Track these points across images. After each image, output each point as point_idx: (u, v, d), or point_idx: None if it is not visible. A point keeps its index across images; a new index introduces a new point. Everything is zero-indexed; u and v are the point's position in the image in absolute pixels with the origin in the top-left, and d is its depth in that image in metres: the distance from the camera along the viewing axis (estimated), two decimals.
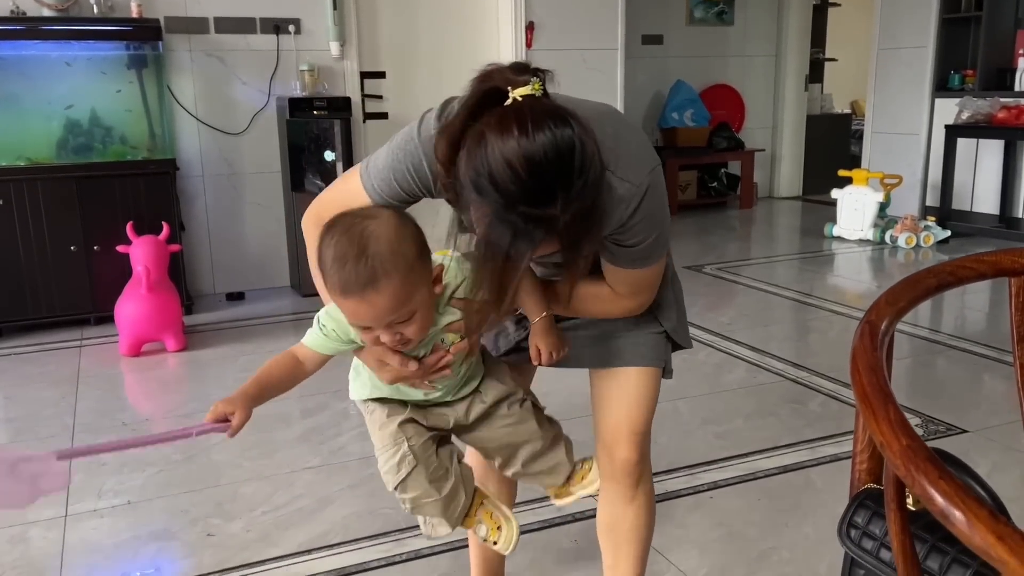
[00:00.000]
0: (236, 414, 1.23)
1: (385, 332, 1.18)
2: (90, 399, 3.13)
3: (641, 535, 1.56)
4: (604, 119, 1.19)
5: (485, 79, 1.08)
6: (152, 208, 4.01)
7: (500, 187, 1.01)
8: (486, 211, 1.04)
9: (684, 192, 7.18)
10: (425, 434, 1.35)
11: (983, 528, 0.69)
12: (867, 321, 0.97)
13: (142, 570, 2.03)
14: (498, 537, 1.42)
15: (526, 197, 1.01)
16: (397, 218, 1.18)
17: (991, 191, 5.90)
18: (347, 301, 1.16)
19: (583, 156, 1.02)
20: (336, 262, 1.13)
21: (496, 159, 1.00)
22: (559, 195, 1.02)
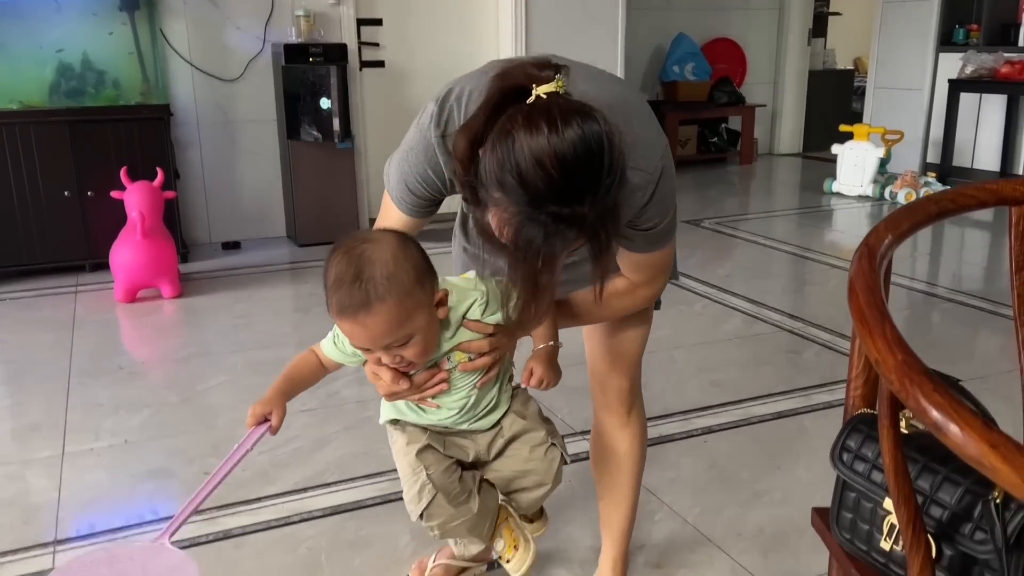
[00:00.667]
0: (274, 413, 1.29)
1: (384, 354, 1.20)
2: (86, 344, 3.13)
3: (633, 463, 1.57)
4: (615, 107, 1.15)
5: (506, 76, 1.05)
6: (146, 154, 3.97)
7: (529, 185, 0.98)
8: (513, 211, 1.01)
9: (684, 147, 7.12)
10: (444, 461, 1.36)
11: (976, 437, 0.69)
12: (866, 244, 0.96)
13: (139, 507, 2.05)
14: (512, 556, 1.44)
15: (556, 196, 0.99)
16: (397, 242, 1.18)
17: (992, 147, 5.86)
18: (343, 323, 1.18)
19: (611, 153, 1.00)
20: (334, 283, 1.14)
21: (526, 158, 0.97)
22: (588, 194, 1.00)
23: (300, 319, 3.46)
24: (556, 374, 1.37)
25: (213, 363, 2.95)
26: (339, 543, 1.88)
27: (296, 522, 1.97)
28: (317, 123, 4.37)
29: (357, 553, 1.84)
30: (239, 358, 2.98)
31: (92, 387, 2.73)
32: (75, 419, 2.50)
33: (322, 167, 4.49)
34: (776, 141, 7.73)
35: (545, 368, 1.35)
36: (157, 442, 2.37)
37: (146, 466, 2.23)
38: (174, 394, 2.69)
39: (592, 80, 1.18)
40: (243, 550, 1.87)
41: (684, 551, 1.85)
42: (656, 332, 3.39)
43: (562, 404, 2.46)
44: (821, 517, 1.12)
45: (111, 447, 2.34)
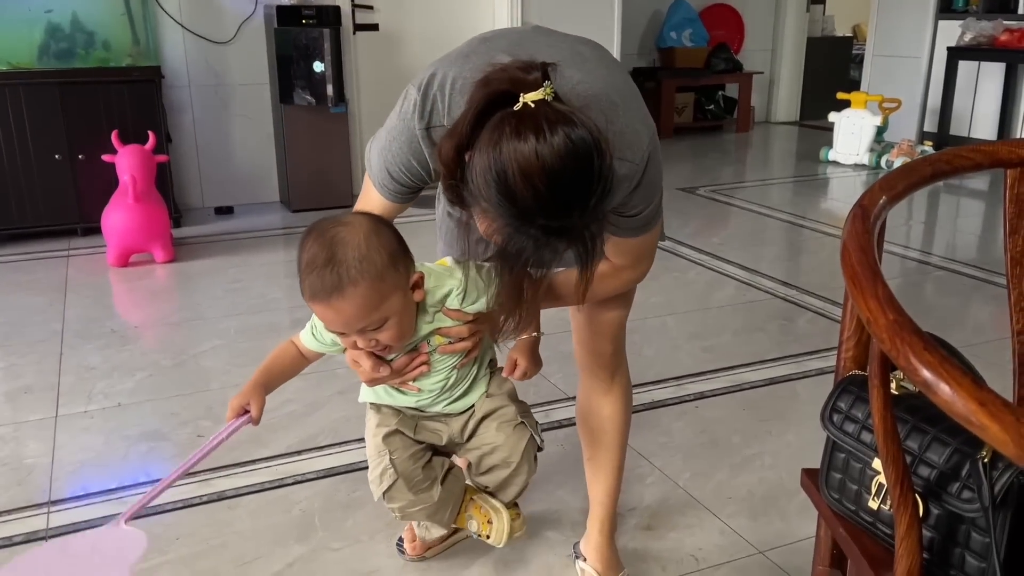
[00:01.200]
0: (252, 404, 1.31)
1: (359, 338, 1.20)
2: (78, 307, 3.12)
3: (618, 427, 1.58)
4: (602, 96, 1.14)
5: (489, 83, 1.02)
6: (137, 117, 3.93)
7: (518, 201, 0.97)
8: (502, 224, 1.00)
9: (680, 115, 7.08)
10: (411, 447, 1.38)
11: (965, 395, 0.69)
12: (860, 205, 0.96)
13: (132, 468, 2.05)
14: (490, 531, 1.44)
15: (544, 210, 0.97)
16: (370, 225, 1.17)
17: (990, 116, 5.84)
18: (316, 307, 1.17)
19: (600, 163, 0.98)
20: (307, 267, 1.14)
21: (513, 171, 0.95)
22: (577, 206, 0.99)
23: (293, 284, 3.42)
24: (538, 364, 1.38)
25: (206, 327, 2.95)
26: (332, 505, 1.89)
27: (289, 484, 1.98)
28: (310, 87, 4.32)
29: (350, 514, 1.86)
30: (232, 322, 2.98)
31: (85, 350, 2.73)
32: (68, 382, 2.50)
33: (315, 132, 4.45)
34: (773, 109, 7.69)
35: (528, 360, 1.36)
36: (150, 405, 2.37)
37: (139, 429, 2.24)
38: (167, 358, 2.69)
39: (580, 67, 1.16)
40: (236, 511, 1.88)
41: (675, 514, 1.86)
42: (649, 299, 3.39)
43: (554, 370, 2.46)
44: (810, 478, 1.13)
45: (104, 410, 2.34)
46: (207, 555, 1.72)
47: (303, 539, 1.77)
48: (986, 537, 0.87)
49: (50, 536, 1.78)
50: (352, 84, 4.67)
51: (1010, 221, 1.09)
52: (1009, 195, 1.09)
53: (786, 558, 1.70)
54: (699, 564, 1.69)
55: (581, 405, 1.62)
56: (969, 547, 0.90)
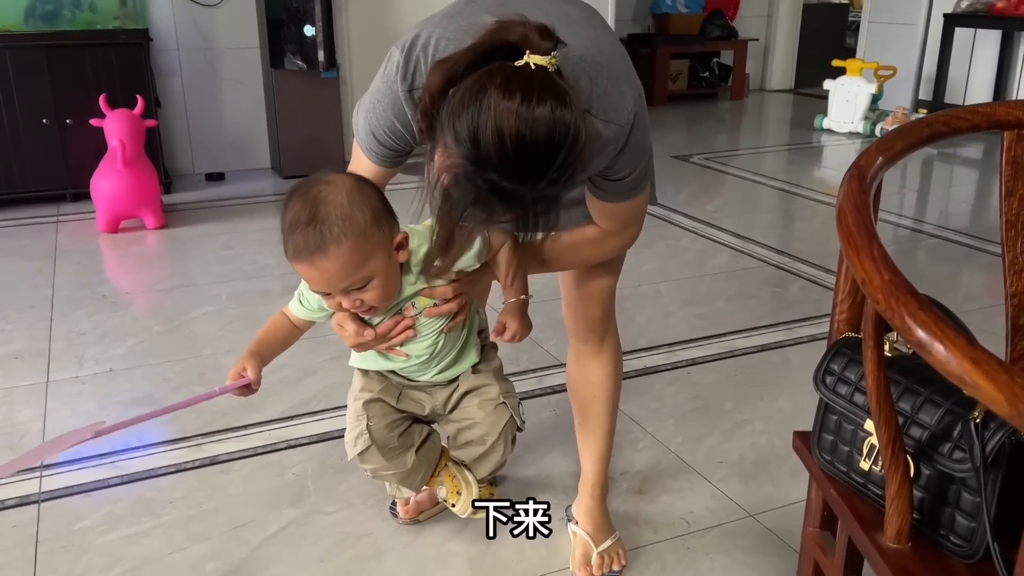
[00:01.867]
0: (248, 369, 1.32)
1: (344, 298, 1.20)
2: (68, 273, 3.10)
3: (608, 390, 1.58)
4: (587, 58, 1.12)
5: (505, 29, 1.00)
6: (126, 81, 3.88)
7: (480, 148, 0.95)
8: (456, 163, 0.98)
9: (675, 82, 7.03)
10: (390, 415, 1.41)
11: (960, 354, 0.69)
12: (856, 166, 0.95)
13: (125, 433, 2.05)
14: (457, 501, 1.49)
15: (502, 169, 0.96)
16: (353, 183, 1.16)
17: (985, 84, 5.81)
18: (300, 266, 1.17)
19: (572, 149, 0.97)
20: (290, 226, 1.14)
21: (489, 120, 0.94)
22: (533, 178, 0.98)
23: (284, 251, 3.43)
24: (527, 327, 1.39)
25: (198, 293, 2.94)
26: (325, 469, 1.90)
27: (282, 449, 1.98)
28: (301, 51, 4.27)
29: (343, 479, 1.86)
30: (224, 289, 2.96)
31: (75, 316, 2.72)
32: (59, 348, 2.49)
33: (307, 97, 4.40)
34: (768, 76, 7.64)
35: (518, 320, 1.37)
36: (142, 370, 2.37)
37: (131, 394, 2.23)
38: (158, 323, 2.68)
39: (567, 27, 1.14)
40: (229, 475, 1.88)
41: (666, 478, 1.87)
42: (643, 266, 3.39)
43: (547, 336, 2.46)
44: (802, 440, 1.14)
45: (96, 375, 2.33)
46: (200, 519, 1.72)
47: (296, 503, 1.78)
48: (976, 497, 0.87)
49: (43, 500, 1.78)
50: (344, 48, 4.62)
51: (1006, 183, 1.09)
52: (1005, 157, 1.08)
53: (777, 521, 1.72)
54: (690, 527, 1.71)
55: (571, 370, 1.62)
56: (959, 507, 0.90)
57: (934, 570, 0.90)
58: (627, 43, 7.04)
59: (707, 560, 1.61)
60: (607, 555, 1.57)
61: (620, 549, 1.59)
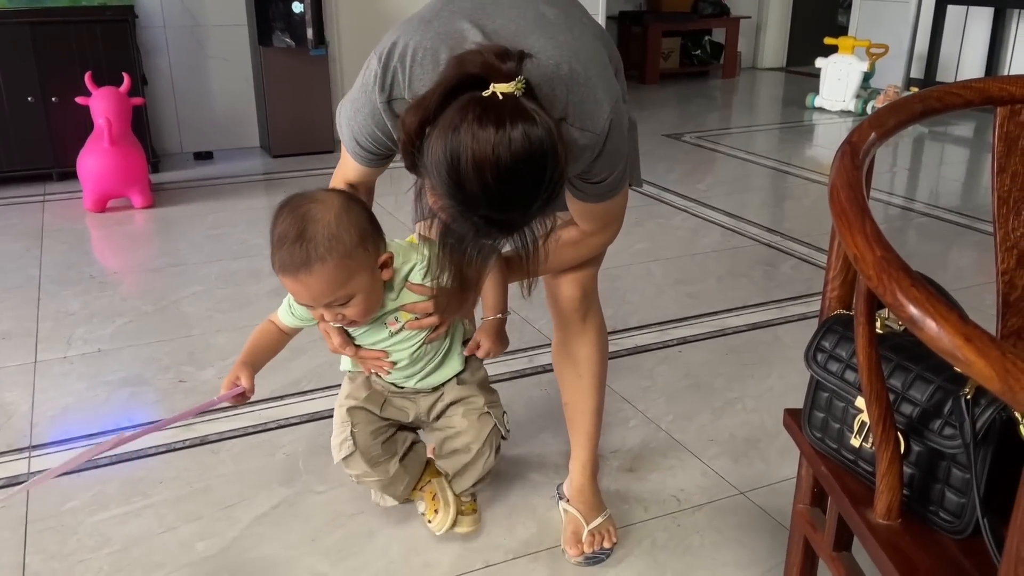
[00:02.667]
0: (243, 378, 1.37)
1: (326, 311, 1.25)
2: (55, 253, 3.08)
3: (593, 369, 1.59)
4: (563, 65, 1.12)
5: (464, 63, 1.00)
6: (111, 59, 3.83)
7: (465, 187, 0.96)
8: (447, 204, 1.00)
9: (667, 60, 6.99)
10: (374, 423, 1.45)
11: (951, 331, 0.68)
12: (849, 142, 0.95)
13: (114, 413, 2.04)
14: (433, 519, 1.52)
15: (489, 203, 0.98)
16: (342, 203, 1.20)
17: (977, 62, 5.80)
18: (285, 280, 1.21)
19: (554, 168, 0.98)
20: (278, 241, 1.18)
21: (467, 159, 0.94)
22: (522, 205, 0.99)
23: None
24: (502, 344, 1.43)
25: (186, 273, 2.92)
26: (316, 448, 1.89)
27: (273, 428, 1.98)
28: (289, 29, 4.22)
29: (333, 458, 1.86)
30: (213, 268, 2.94)
31: (63, 296, 2.70)
32: (47, 328, 2.47)
33: (295, 75, 4.36)
34: (760, 54, 7.61)
35: (492, 341, 1.41)
36: (131, 351, 2.35)
37: (120, 374, 2.22)
38: (147, 303, 2.66)
39: (543, 32, 1.13)
40: (220, 455, 1.87)
41: (657, 456, 1.88)
42: (634, 245, 3.39)
43: (538, 315, 2.46)
44: (793, 418, 1.13)
45: (84, 355, 2.32)
46: (191, 498, 1.72)
47: (287, 482, 1.77)
48: (966, 473, 0.88)
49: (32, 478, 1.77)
50: (332, 26, 4.57)
51: (999, 160, 1.08)
52: (998, 133, 1.07)
53: (767, 498, 1.73)
54: (681, 504, 1.71)
55: (556, 349, 1.63)
56: (949, 483, 0.90)
57: (924, 546, 0.91)
58: (619, 21, 6.99)
59: (698, 537, 1.62)
60: (598, 532, 1.58)
61: (611, 526, 1.60)
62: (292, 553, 1.57)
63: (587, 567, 1.54)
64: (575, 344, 1.57)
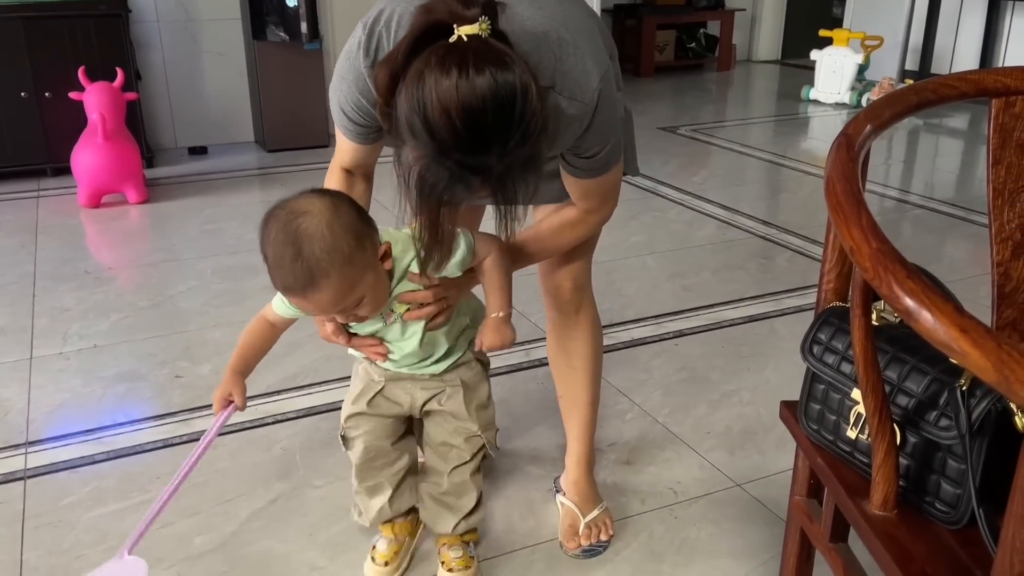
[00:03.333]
0: (234, 393, 1.34)
1: (339, 315, 1.24)
2: (50, 248, 3.07)
3: (587, 362, 1.59)
4: (551, 33, 1.11)
5: (430, 11, 1.00)
6: (105, 54, 3.82)
7: (435, 134, 0.96)
8: (420, 154, 1.00)
9: (662, 53, 6.99)
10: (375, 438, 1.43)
11: (947, 322, 0.69)
12: (844, 134, 0.95)
13: (111, 409, 2.04)
14: (380, 564, 1.48)
15: (460, 146, 0.97)
16: (331, 210, 1.15)
17: (971, 54, 5.81)
18: (292, 299, 1.21)
19: (524, 107, 0.96)
20: (275, 263, 1.15)
21: (433, 104, 0.94)
22: (495, 146, 0.97)
23: None
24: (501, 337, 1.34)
25: (182, 268, 2.91)
26: (313, 443, 1.89)
27: (270, 423, 1.98)
28: (283, 22, 4.21)
29: (331, 452, 1.86)
30: (208, 263, 2.94)
31: (58, 292, 2.69)
32: (42, 324, 2.47)
33: (290, 69, 4.35)
34: (755, 47, 7.60)
35: (497, 335, 1.34)
36: (127, 346, 2.35)
37: (116, 370, 2.22)
38: (143, 299, 2.66)
39: (531, 2, 1.13)
40: (217, 450, 1.87)
41: (653, 448, 1.88)
42: (630, 238, 3.39)
43: (534, 309, 2.46)
44: (789, 410, 1.14)
45: (80, 351, 2.31)
46: (189, 493, 1.72)
47: (284, 477, 1.78)
48: (962, 464, 0.88)
49: (29, 477, 1.77)
50: (327, 19, 4.55)
51: (994, 151, 1.08)
52: (994, 125, 1.08)
53: (763, 490, 1.73)
54: (678, 497, 1.72)
55: (550, 343, 1.62)
56: (945, 474, 0.91)
57: (920, 536, 0.91)
58: (613, 14, 6.98)
59: (694, 529, 1.62)
60: (594, 525, 1.58)
61: (607, 519, 1.60)
62: (290, 547, 1.57)
63: (585, 560, 1.55)
64: (569, 337, 1.57)
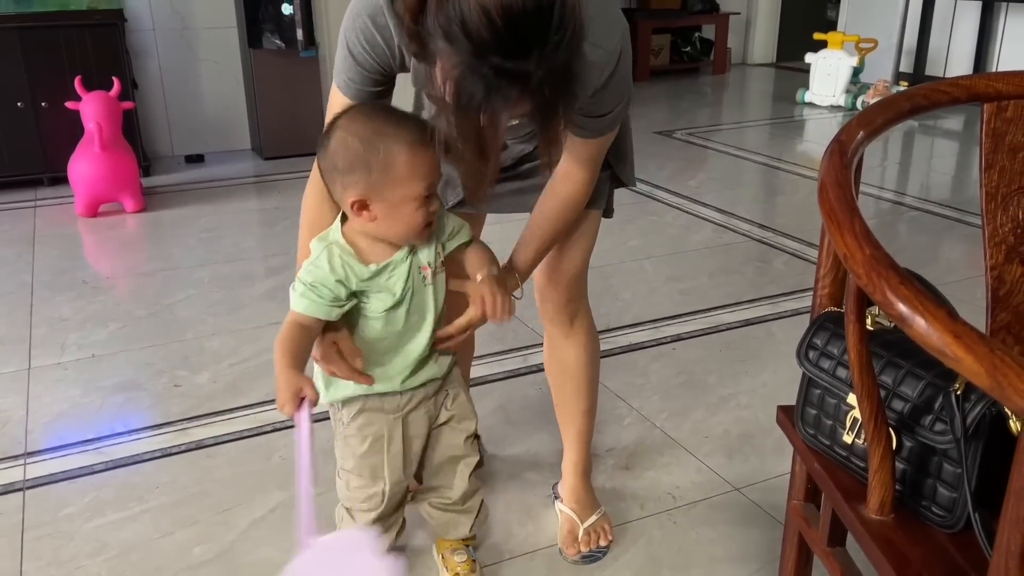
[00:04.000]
0: (303, 387, 1.15)
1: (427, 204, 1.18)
2: (48, 258, 3.07)
3: (582, 371, 1.58)
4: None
5: None
6: (101, 63, 3.82)
7: (473, 35, 0.94)
8: (456, 61, 0.97)
9: (657, 57, 7.00)
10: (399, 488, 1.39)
11: (940, 328, 0.69)
12: (837, 140, 0.95)
13: (109, 419, 2.04)
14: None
15: (500, 48, 0.94)
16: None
17: (965, 57, 5.82)
18: (412, 156, 1.14)
19: (563, 9, 0.95)
20: (389, 123, 1.15)
21: (471, 4, 0.93)
22: (535, 49, 0.95)
23: (266, 233, 3.40)
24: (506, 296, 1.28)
25: (179, 277, 2.91)
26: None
27: (268, 432, 1.98)
28: (279, 30, 4.21)
29: (330, 461, 1.85)
30: (206, 272, 2.94)
31: (56, 302, 2.69)
32: (40, 333, 2.47)
33: (286, 77, 4.35)
34: (750, 50, 7.62)
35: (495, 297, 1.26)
36: (125, 355, 2.35)
37: (115, 379, 2.22)
38: (141, 308, 2.66)
39: None
40: (216, 459, 1.87)
41: (652, 453, 1.88)
42: (627, 242, 3.39)
43: (532, 315, 2.44)
44: (786, 414, 1.14)
45: (78, 361, 2.31)
46: (187, 503, 1.72)
47: (283, 486, 1.78)
48: (958, 468, 0.88)
49: (27, 488, 1.77)
50: (323, 27, 4.56)
51: (986, 156, 1.09)
52: (986, 129, 1.08)
53: (762, 495, 1.74)
54: (676, 502, 1.72)
55: (546, 352, 1.62)
56: (941, 478, 0.91)
57: (916, 540, 0.91)
58: None
59: (693, 534, 1.63)
60: (593, 531, 1.58)
61: (606, 524, 1.60)
62: (290, 557, 1.57)
63: (584, 566, 1.55)
64: (563, 347, 1.57)
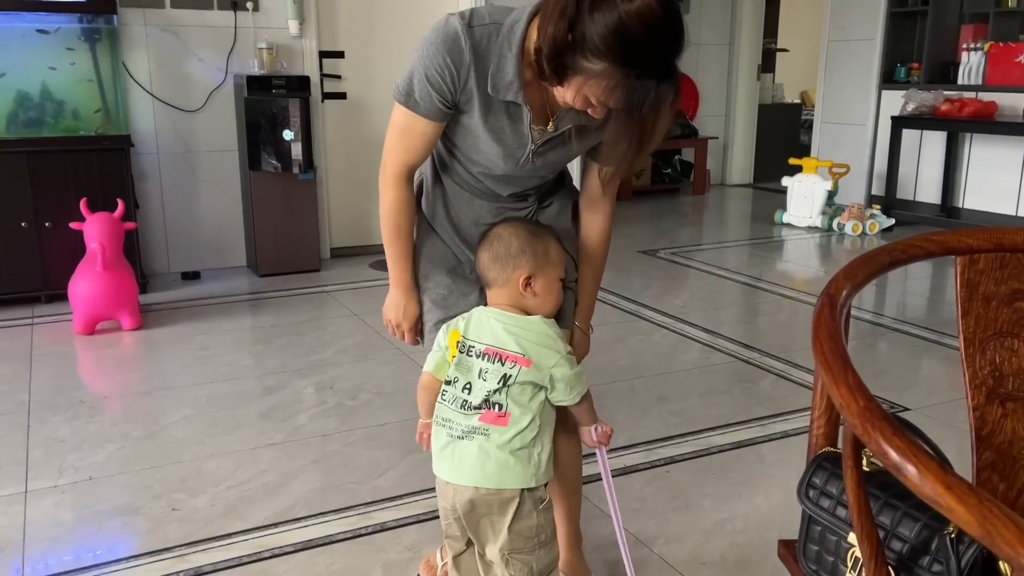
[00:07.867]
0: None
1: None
2: (44, 376, 3.09)
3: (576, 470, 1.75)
4: None
5: None
6: (106, 185, 3.94)
7: (639, 48, 1.16)
8: (620, 76, 1.19)
9: (639, 178, 7.27)
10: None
11: (933, 479, 0.76)
12: (827, 294, 1.04)
13: (107, 543, 2.03)
14: None
15: (660, 51, 1.18)
16: None
17: (934, 181, 6.11)
18: (561, 250, 1.53)
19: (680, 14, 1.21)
20: (538, 227, 1.52)
21: (632, 21, 1.15)
22: (678, 47, 1.20)
23: (262, 351, 3.44)
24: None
25: (176, 396, 2.94)
26: None
27: (268, 558, 1.98)
28: (278, 154, 4.38)
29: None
30: (202, 391, 2.97)
31: (53, 422, 2.70)
32: (37, 456, 2.47)
33: (283, 197, 4.50)
34: (728, 172, 7.94)
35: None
36: (122, 478, 2.35)
37: (112, 503, 2.22)
38: (137, 428, 2.67)
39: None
40: None
41: None
42: (617, 362, 3.45)
43: None
44: (787, 549, 1.19)
45: (75, 484, 2.31)
46: None
47: None
48: None
49: None
50: (320, 151, 4.75)
51: (962, 304, 1.18)
52: (960, 280, 1.18)
53: None
54: None
55: None
56: None
57: None
58: None
59: None
60: None
61: None
62: None
63: None
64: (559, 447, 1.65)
